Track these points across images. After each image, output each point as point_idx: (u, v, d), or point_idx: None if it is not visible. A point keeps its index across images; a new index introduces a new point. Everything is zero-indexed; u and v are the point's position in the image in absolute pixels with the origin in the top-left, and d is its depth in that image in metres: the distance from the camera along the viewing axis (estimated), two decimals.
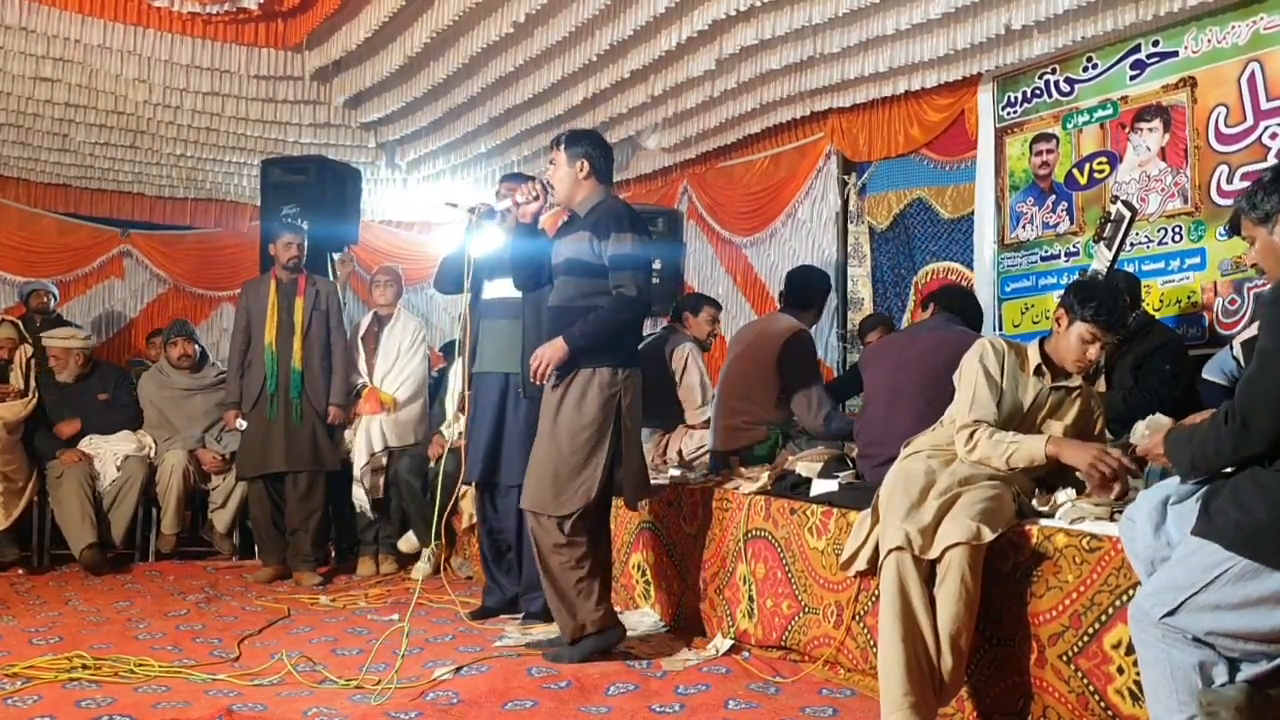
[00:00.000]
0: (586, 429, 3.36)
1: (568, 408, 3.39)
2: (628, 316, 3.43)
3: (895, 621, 2.54)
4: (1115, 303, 2.86)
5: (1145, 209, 4.74)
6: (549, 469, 3.39)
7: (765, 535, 3.54)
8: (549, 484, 3.38)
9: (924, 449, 2.97)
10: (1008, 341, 3.03)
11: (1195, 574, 1.97)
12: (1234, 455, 1.99)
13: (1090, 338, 2.85)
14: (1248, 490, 1.95)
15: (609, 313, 3.37)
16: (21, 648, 3.56)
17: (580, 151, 3.51)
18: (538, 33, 5.27)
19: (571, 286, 3.47)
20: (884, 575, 2.61)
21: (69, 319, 7.56)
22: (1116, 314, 2.86)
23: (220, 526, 5.69)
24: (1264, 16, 4.35)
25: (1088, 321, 2.84)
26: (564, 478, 3.36)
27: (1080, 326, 2.85)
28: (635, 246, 3.39)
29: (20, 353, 5.61)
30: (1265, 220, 2.09)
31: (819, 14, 4.84)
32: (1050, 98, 5.23)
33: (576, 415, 3.37)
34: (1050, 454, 2.76)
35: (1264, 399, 1.92)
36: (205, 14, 5.48)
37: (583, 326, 3.36)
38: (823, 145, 6.34)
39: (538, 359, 3.39)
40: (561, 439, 3.39)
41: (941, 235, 5.89)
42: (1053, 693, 2.55)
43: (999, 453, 2.79)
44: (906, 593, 2.56)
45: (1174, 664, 1.99)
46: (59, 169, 7.66)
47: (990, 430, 2.84)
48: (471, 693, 3.01)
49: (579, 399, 3.38)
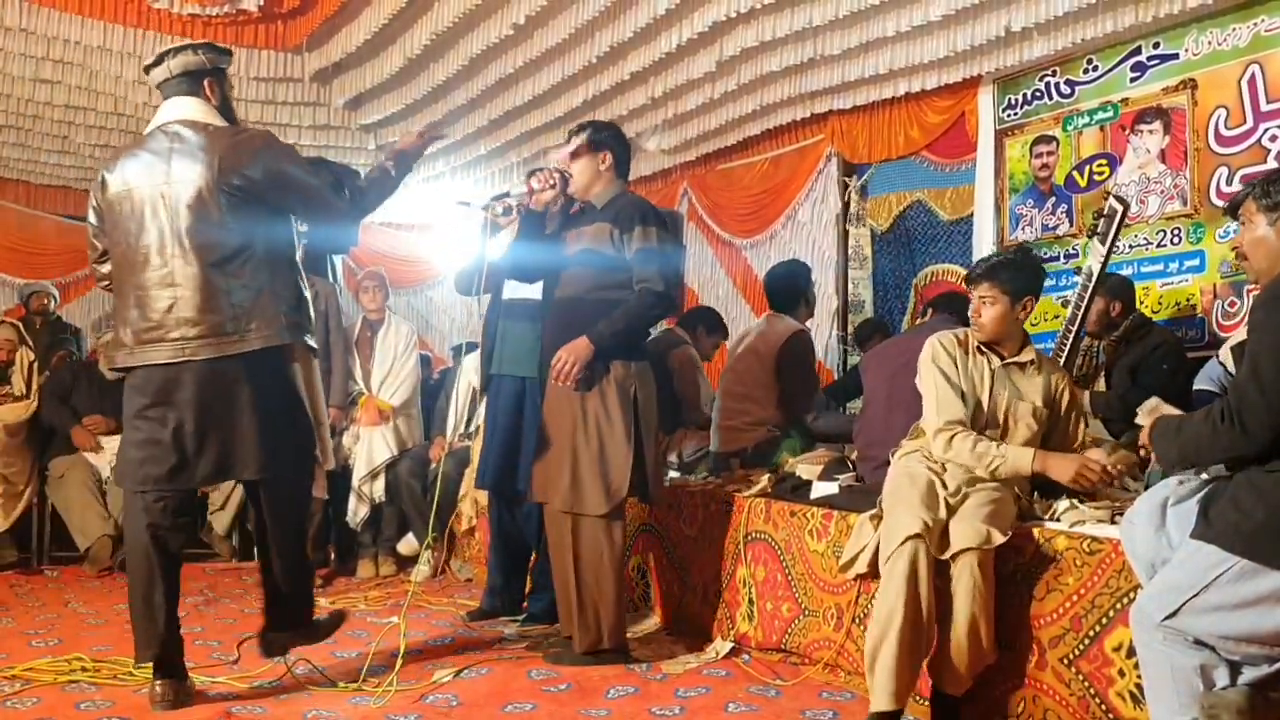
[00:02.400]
0: (617, 424, 3.30)
1: (592, 402, 3.31)
2: (655, 313, 3.38)
3: (900, 608, 2.50)
4: (987, 258, 3.02)
5: (1144, 211, 4.74)
6: (585, 466, 3.30)
7: (765, 538, 3.53)
8: (587, 481, 3.30)
9: (916, 451, 2.96)
10: (954, 332, 3.03)
11: (1194, 576, 1.97)
12: (1227, 454, 2.01)
13: (974, 298, 2.95)
14: (1245, 493, 1.97)
15: (636, 309, 3.29)
16: (21, 649, 3.55)
17: (604, 142, 3.45)
18: (538, 34, 5.27)
19: (587, 279, 3.38)
20: (895, 563, 2.55)
21: (68, 321, 7.57)
22: (980, 265, 2.99)
23: (219, 529, 5.68)
24: (1264, 18, 4.35)
25: (968, 284, 3.02)
26: (599, 475, 3.29)
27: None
28: (661, 243, 3.34)
29: (21, 355, 5.61)
30: (1273, 209, 2.07)
31: (819, 16, 4.84)
32: (1050, 100, 5.23)
33: (601, 409, 3.30)
34: (1037, 470, 2.74)
35: (1260, 402, 1.93)
36: (205, 16, 5.48)
37: (610, 324, 3.26)
38: (823, 147, 6.34)
39: (561, 359, 3.27)
40: (596, 434, 3.30)
41: (941, 237, 5.89)
42: (1054, 695, 2.55)
43: (984, 464, 2.76)
44: (917, 582, 2.52)
45: (1175, 666, 1.99)
46: (59, 171, 7.66)
47: (968, 435, 2.80)
48: (471, 695, 3.01)
49: (600, 394, 3.31)
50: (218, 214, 2.84)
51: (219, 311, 2.83)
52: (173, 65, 3.00)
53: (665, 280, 3.30)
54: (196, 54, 3.02)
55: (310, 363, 3.20)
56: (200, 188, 2.83)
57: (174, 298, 2.83)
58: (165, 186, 2.85)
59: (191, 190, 2.84)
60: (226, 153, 2.85)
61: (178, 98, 3.00)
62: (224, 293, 2.84)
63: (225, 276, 2.84)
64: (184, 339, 2.82)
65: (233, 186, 2.84)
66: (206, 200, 2.83)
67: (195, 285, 2.83)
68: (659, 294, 3.29)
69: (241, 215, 2.87)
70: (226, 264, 2.85)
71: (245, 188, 2.86)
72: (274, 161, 2.90)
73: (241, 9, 5.43)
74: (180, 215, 2.84)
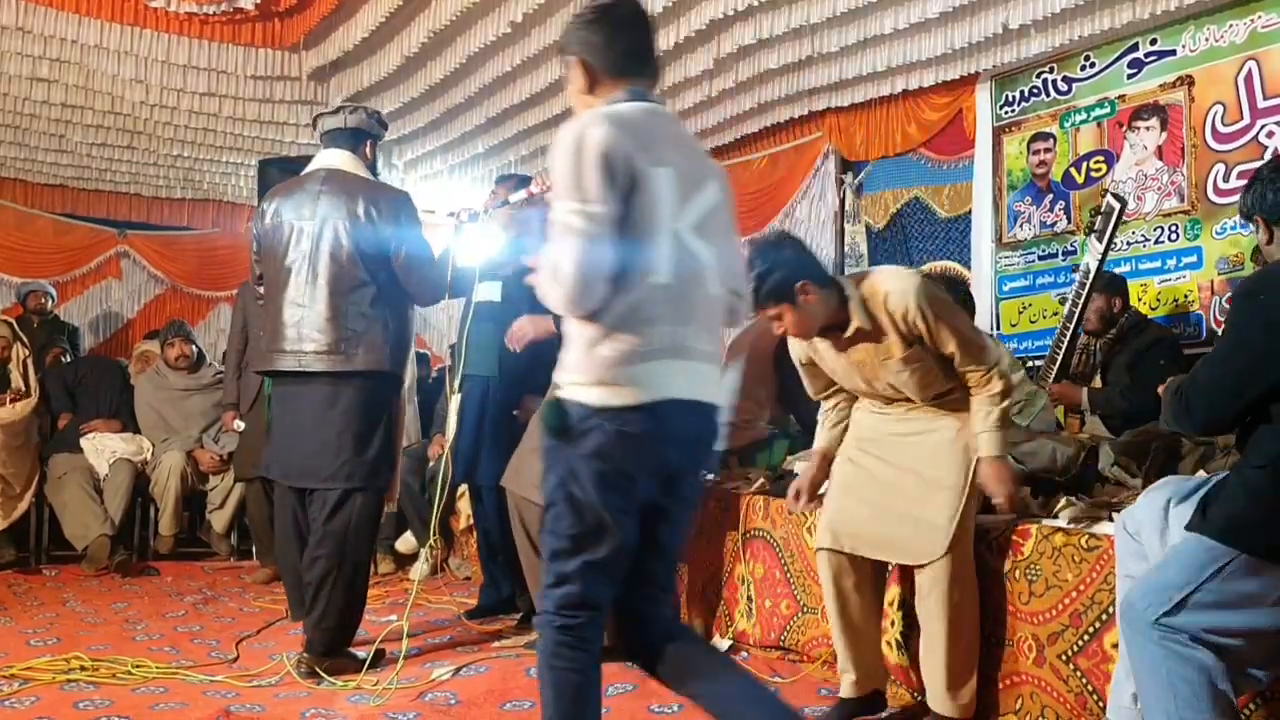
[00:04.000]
0: None
1: None
2: None
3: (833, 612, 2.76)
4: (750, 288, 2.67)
5: (1142, 208, 4.75)
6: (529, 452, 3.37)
7: (764, 535, 3.53)
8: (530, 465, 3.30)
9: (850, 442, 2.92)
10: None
11: (1190, 571, 1.95)
12: (1174, 427, 2.11)
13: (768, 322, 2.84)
14: (1236, 488, 1.99)
15: None
16: (19, 649, 3.55)
17: None
18: (535, 32, 5.26)
19: None
20: (820, 568, 2.80)
21: (66, 319, 7.56)
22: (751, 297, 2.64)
23: (218, 527, 5.69)
24: (1261, 15, 4.36)
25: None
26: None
27: None
28: None
29: (16, 351, 5.59)
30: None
31: (817, 13, 4.84)
32: (1048, 97, 5.23)
33: None
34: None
35: (1204, 389, 2.04)
36: (202, 14, 5.47)
37: None
38: (820, 144, 6.33)
39: (520, 325, 3.47)
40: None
41: (939, 234, 5.90)
42: (1052, 692, 2.55)
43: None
44: (840, 590, 2.73)
45: (1171, 669, 1.94)
46: (56, 169, 7.65)
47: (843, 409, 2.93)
48: (470, 693, 3.01)
49: None
50: (349, 250, 3.25)
51: (334, 333, 3.23)
52: (349, 120, 3.44)
53: None
54: (369, 119, 3.50)
55: (400, 392, 3.48)
56: (338, 226, 3.25)
57: (301, 316, 3.25)
58: (309, 222, 3.28)
59: (331, 227, 3.26)
60: (367, 200, 3.28)
61: (336, 149, 3.44)
62: (342, 317, 3.24)
63: (346, 304, 3.24)
64: (303, 352, 3.25)
65: (364, 229, 3.25)
66: (342, 237, 3.25)
67: (320, 308, 3.24)
68: None
69: (367, 255, 3.27)
70: (349, 293, 3.25)
71: (375, 232, 3.26)
72: (405, 218, 3.34)
73: (239, 7, 5.42)
74: (319, 248, 3.26)
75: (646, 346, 1.82)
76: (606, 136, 1.80)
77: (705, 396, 1.91)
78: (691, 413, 1.89)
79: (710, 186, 1.97)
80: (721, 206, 2.00)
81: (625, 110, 1.91)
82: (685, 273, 1.88)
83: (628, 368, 1.82)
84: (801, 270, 2.59)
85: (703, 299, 1.93)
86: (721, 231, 1.99)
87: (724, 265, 1.98)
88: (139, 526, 5.61)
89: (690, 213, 1.90)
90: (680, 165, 1.90)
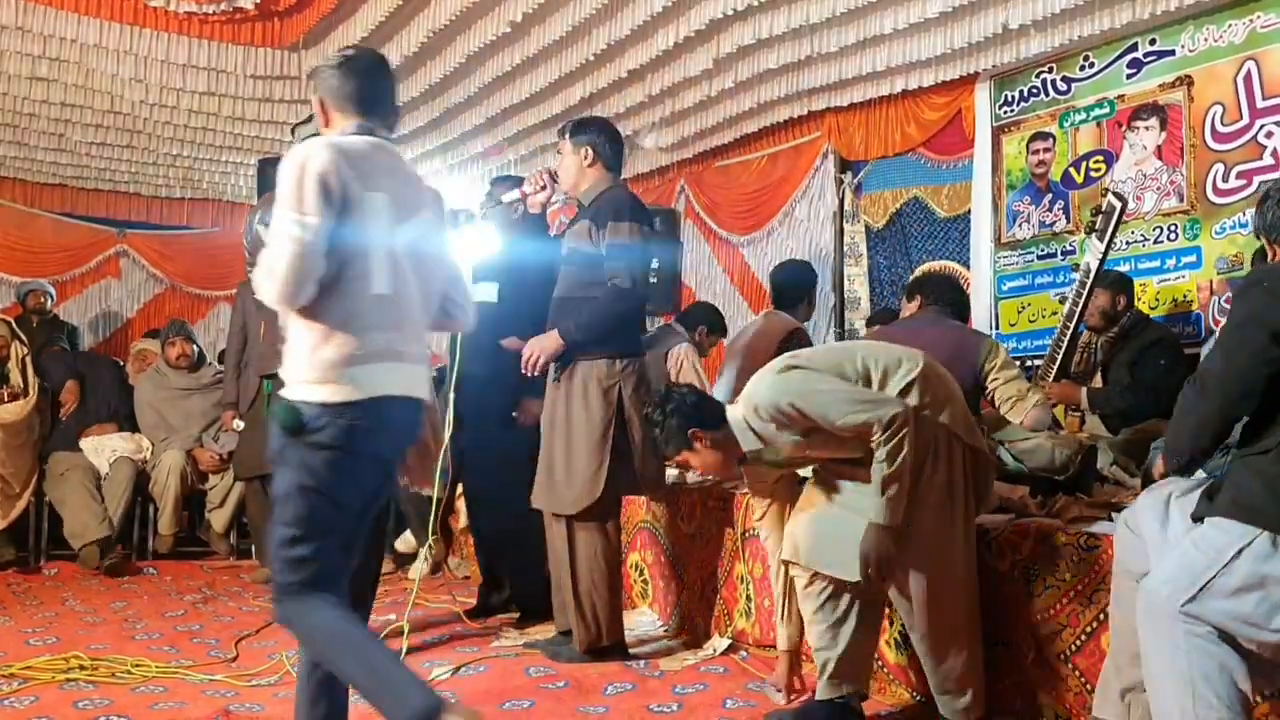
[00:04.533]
0: (592, 424, 3.30)
1: (574, 402, 3.33)
2: (622, 308, 3.35)
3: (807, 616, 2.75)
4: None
5: (1141, 207, 4.75)
6: (559, 467, 3.34)
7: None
8: (560, 482, 3.33)
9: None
10: None
11: (1210, 555, 1.92)
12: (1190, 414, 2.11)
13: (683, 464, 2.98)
14: (1241, 473, 1.99)
15: (604, 305, 3.31)
16: (18, 648, 3.55)
17: (585, 139, 3.44)
18: (534, 32, 5.26)
19: (573, 277, 3.42)
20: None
21: (65, 319, 7.56)
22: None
23: (218, 526, 5.69)
24: (1261, 15, 4.36)
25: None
26: (571, 475, 3.31)
27: None
28: (632, 237, 3.32)
29: (14, 349, 5.58)
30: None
31: (816, 13, 4.84)
32: (1047, 96, 5.23)
33: (582, 410, 3.31)
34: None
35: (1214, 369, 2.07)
36: (201, 13, 5.47)
37: (578, 319, 3.31)
38: (820, 144, 6.34)
39: (531, 350, 3.36)
40: (569, 435, 3.33)
41: (938, 234, 5.90)
42: (1051, 691, 2.56)
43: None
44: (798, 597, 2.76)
45: (1192, 664, 1.90)
46: (55, 169, 7.65)
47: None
48: (469, 692, 3.01)
49: (582, 393, 3.32)
50: None
51: None
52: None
53: (632, 276, 3.30)
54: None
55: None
56: None
57: None
58: None
59: None
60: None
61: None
62: None
63: None
64: None
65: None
66: None
67: None
68: (624, 290, 3.29)
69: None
70: None
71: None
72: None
73: (238, 6, 5.42)
74: None
75: (365, 350, 2.08)
76: (326, 161, 2.06)
77: (415, 393, 2.19)
78: (404, 407, 2.17)
79: (423, 212, 2.27)
80: (434, 228, 2.32)
81: (350, 142, 2.17)
82: (399, 285, 2.16)
83: (349, 368, 2.07)
84: (692, 418, 2.64)
85: (414, 308, 2.21)
86: (433, 249, 2.30)
87: (436, 278, 2.29)
88: (138, 526, 5.60)
89: (404, 232, 2.18)
90: (395, 191, 2.19)
